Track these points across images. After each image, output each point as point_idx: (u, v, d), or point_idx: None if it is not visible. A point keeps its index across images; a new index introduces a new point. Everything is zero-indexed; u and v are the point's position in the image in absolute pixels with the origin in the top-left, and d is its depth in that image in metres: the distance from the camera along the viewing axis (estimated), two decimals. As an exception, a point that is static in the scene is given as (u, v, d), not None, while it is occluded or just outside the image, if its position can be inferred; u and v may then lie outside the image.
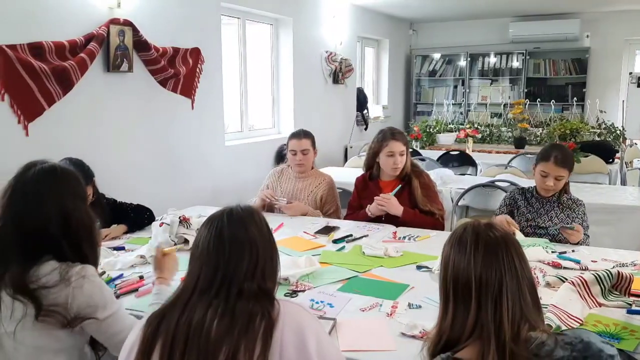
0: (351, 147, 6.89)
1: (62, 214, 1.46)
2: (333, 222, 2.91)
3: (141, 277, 2.06)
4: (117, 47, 3.49)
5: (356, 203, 3.01)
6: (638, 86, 6.30)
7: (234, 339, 1.12)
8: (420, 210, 2.81)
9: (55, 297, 1.38)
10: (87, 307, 1.41)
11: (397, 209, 2.75)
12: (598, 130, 6.29)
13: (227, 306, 1.16)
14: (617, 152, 5.61)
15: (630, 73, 6.82)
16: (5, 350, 1.41)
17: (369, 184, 2.96)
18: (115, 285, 1.98)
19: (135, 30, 3.59)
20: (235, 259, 1.20)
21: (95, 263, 1.54)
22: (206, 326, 1.14)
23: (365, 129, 7.42)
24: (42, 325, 1.38)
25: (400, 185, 2.84)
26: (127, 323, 1.49)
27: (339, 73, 6.48)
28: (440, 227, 2.82)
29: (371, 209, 2.84)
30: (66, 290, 1.39)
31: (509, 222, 2.52)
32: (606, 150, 5.45)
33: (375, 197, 2.79)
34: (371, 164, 2.95)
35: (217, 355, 1.12)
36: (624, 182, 5.28)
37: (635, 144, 6.01)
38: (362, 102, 7.30)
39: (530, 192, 2.73)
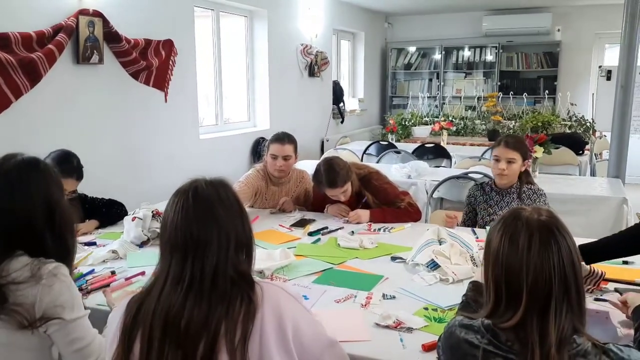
0: (327, 140, 6.89)
1: (48, 206, 1.41)
2: (309, 214, 2.91)
3: (113, 273, 2.03)
4: (86, 38, 3.41)
5: (319, 207, 3.00)
6: (607, 79, 6.41)
7: (212, 325, 1.11)
8: None
9: (22, 296, 1.32)
10: (54, 306, 1.34)
11: (366, 215, 2.74)
12: (569, 123, 6.42)
13: (203, 293, 1.14)
14: (587, 144, 5.75)
15: (600, 66, 6.95)
16: None
17: (327, 198, 2.86)
18: (87, 280, 1.95)
19: (105, 21, 3.52)
20: (204, 242, 1.16)
21: (74, 258, 1.51)
22: (184, 316, 1.12)
23: (342, 122, 7.43)
24: (1, 324, 1.33)
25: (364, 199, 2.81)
26: (90, 332, 1.42)
27: (315, 66, 6.47)
28: (414, 214, 2.79)
29: (331, 212, 2.87)
30: (35, 289, 1.32)
31: (448, 216, 2.62)
32: (576, 142, 5.56)
33: (348, 217, 2.75)
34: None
35: (197, 342, 1.10)
36: (593, 173, 5.41)
37: (605, 136, 6.14)
38: (338, 95, 7.31)
39: (489, 185, 2.78)
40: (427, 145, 5.55)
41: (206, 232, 1.17)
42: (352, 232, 2.56)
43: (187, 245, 1.16)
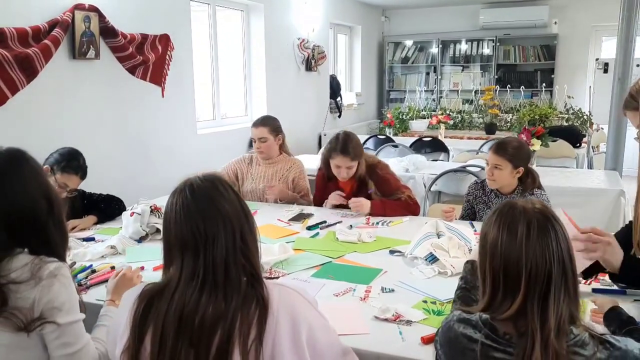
0: (325, 135, 6.89)
1: (46, 195, 1.40)
2: (307, 209, 2.92)
3: (112, 268, 2.02)
4: (82, 33, 3.39)
5: (320, 199, 3.03)
6: (604, 72, 6.43)
7: (229, 318, 1.11)
8: None
9: (21, 298, 1.29)
10: (51, 307, 1.31)
11: (367, 204, 2.76)
12: (566, 116, 6.42)
13: (218, 285, 1.13)
14: (584, 136, 5.75)
15: (597, 59, 6.96)
16: None
17: (329, 184, 2.95)
18: (87, 276, 1.95)
19: (101, 16, 3.50)
20: (211, 235, 1.15)
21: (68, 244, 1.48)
22: (199, 312, 1.11)
23: (339, 116, 7.43)
24: (0, 327, 1.30)
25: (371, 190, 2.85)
26: (82, 339, 1.37)
27: (312, 60, 6.45)
28: (414, 207, 2.81)
29: (330, 200, 2.91)
30: (34, 291, 1.29)
31: (444, 211, 2.62)
32: (574, 134, 5.57)
33: (349, 203, 2.79)
34: (326, 166, 2.91)
35: (211, 337, 1.10)
36: (590, 166, 5.42)
37: (602, 128, 6.15)
38: (335, 89, 7.29)
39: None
40: (424, 139, 5.56)
41: (212, 224, 1.16)
42: (351, 226, 2.56)
43: (197, 241, 1.15)
